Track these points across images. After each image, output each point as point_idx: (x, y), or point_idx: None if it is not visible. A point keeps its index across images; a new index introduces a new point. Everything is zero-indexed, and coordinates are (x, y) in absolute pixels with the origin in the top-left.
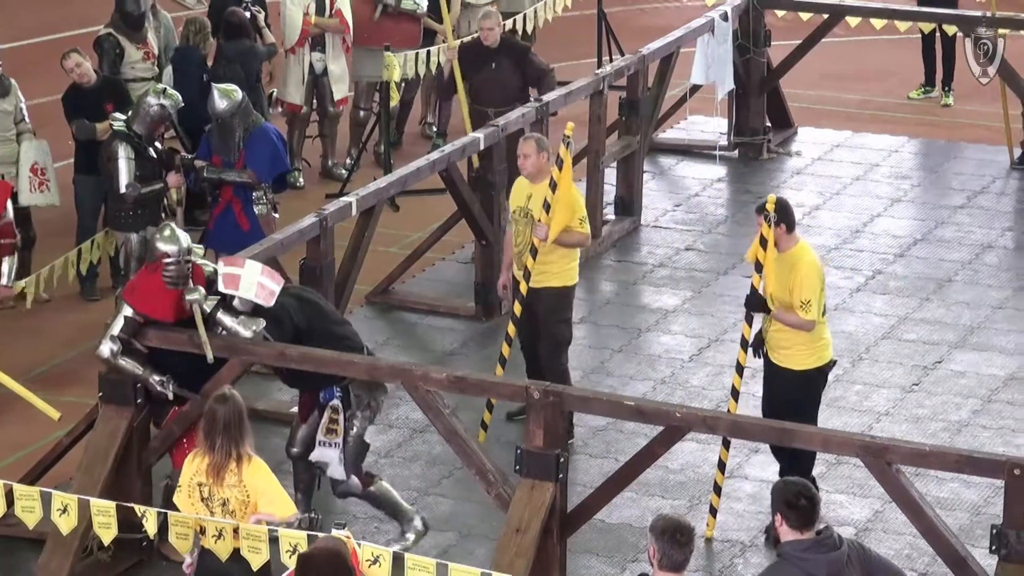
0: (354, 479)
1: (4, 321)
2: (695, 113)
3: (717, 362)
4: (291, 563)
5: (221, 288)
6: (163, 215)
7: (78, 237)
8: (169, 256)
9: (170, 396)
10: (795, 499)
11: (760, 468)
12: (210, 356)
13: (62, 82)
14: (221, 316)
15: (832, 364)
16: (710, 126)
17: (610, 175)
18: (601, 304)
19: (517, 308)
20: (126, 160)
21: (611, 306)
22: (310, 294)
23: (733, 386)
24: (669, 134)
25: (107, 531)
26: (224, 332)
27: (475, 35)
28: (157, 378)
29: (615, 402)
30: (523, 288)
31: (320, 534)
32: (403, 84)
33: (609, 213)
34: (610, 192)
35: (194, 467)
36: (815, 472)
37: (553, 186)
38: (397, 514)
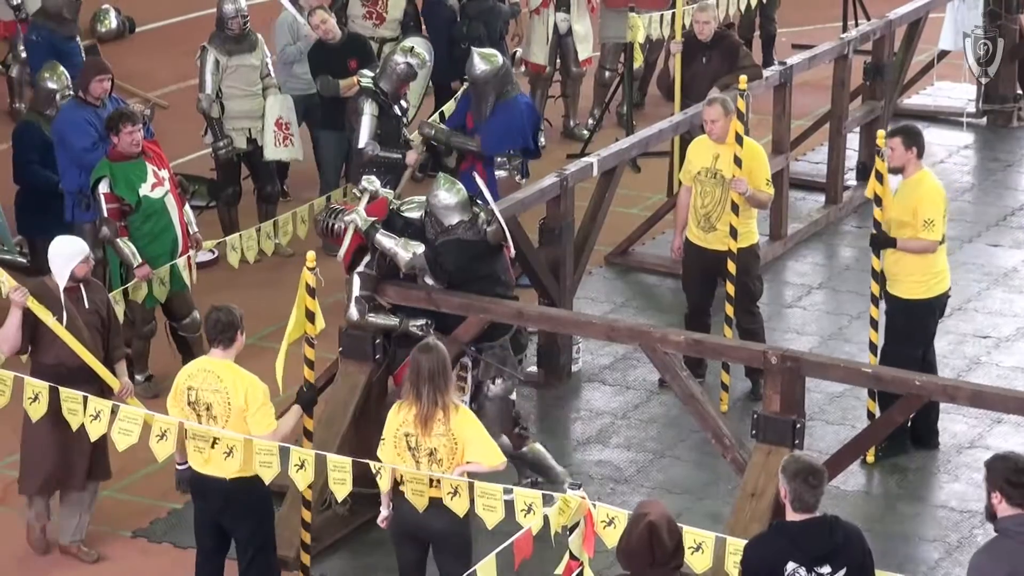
0: (504, 439)
1: (245, 275)
2: (942, 79)
3: (959, 331)
4: (527, 522)
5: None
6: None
7: (320, 193)
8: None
9: (430, 340)
10: (1017, 476)
11: (1002, 439)
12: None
13: None
14: (380, 237)
15: (945, 297)
16: (957, 92)
17: (852, 140)
18: (840, 270)
19: (731, 267)
20: (369, 116)
21: (850, 272)
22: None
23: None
24: (915, 100)
25: (341, 487)
26: (381, 255)
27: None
28: (417, 323)
29: (852, 369)
30: (732, 245)
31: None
32: (647, 45)
33: (850, 179)
34: (852, 157)
35: (400, 418)
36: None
37: (739, 140)
38: (548, 476)
